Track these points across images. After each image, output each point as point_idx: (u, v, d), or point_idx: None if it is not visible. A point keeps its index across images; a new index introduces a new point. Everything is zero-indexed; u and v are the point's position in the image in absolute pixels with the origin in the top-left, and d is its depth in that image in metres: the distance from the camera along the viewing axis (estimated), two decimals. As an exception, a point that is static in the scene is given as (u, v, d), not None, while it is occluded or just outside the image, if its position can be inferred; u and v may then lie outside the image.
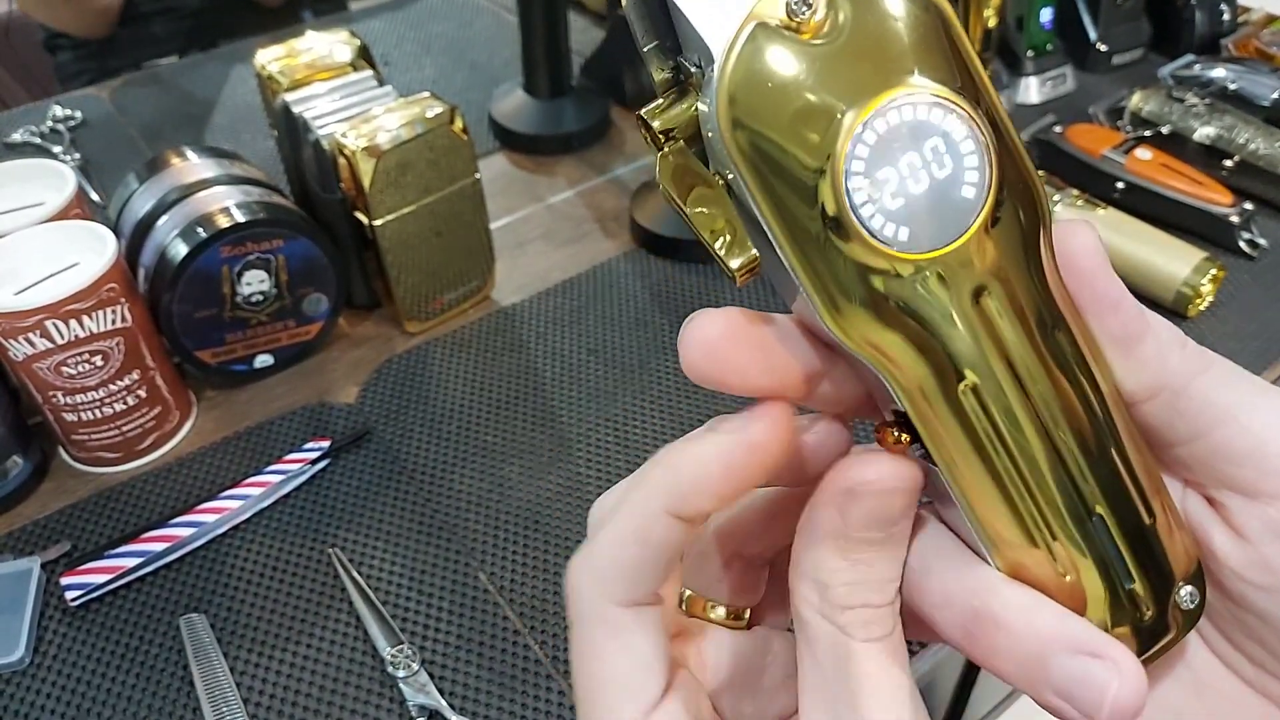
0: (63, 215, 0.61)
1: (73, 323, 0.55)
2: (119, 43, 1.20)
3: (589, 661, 0.21)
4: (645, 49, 0.20)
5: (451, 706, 0.50)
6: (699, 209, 0.20)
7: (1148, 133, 0.84)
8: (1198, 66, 0.90)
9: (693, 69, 0.19)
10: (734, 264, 0.19)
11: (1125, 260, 0.72)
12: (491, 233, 0.73)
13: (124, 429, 0.61)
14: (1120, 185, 0.79)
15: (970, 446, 0.20)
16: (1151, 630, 0.20)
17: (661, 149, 0.20)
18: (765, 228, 0.18)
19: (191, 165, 0.67)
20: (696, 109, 0.19)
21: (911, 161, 0.18)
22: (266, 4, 1.25)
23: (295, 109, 0.67)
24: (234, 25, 1.21)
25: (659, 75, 0.20)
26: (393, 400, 0.67)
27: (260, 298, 0.65)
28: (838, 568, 0.20)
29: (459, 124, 0.66)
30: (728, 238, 0.19)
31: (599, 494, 0.65)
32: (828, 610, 0.20)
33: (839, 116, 0.18)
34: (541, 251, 0.80)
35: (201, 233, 0.61)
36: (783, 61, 0.18)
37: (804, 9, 0.18)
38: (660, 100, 0.20)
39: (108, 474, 0.62)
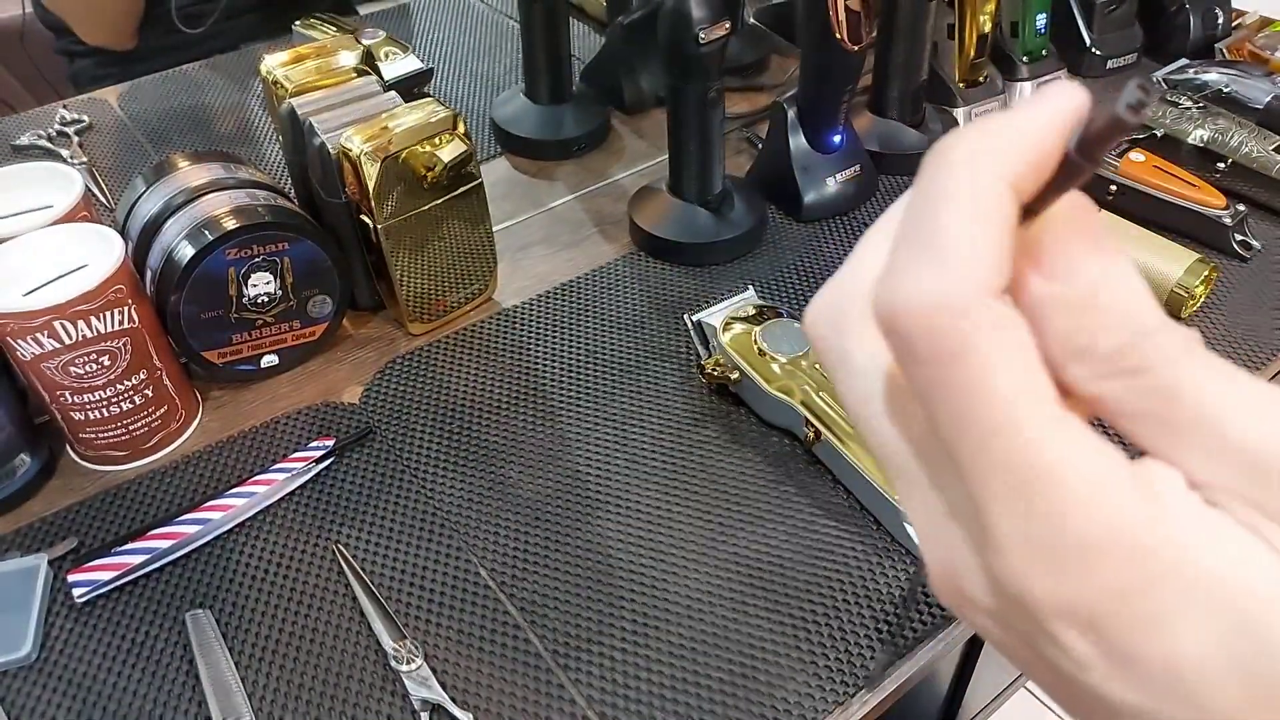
0: (70, 217, 0.62)
1: (80, 323, 0.56)
2: (138, 51, 1.21)
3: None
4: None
5: (454, 700, 0.50)
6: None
7: (1141, 136, 0.84)
8: (1191, 70, 0.91)
9: None
10: None
11: (1119, 262, 0.73)
12: (494, 236, 0.74)
13: (130, 428, 0.61)
14: (1114, 188, 0.80)
15: None
16: None
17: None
18: None
19: (198, 169, 0.68)
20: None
21: None
22: None
23: (300, 113, 0.68)
24: (249, 37, 1.21)
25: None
26: (396, 400, 0.68)
27: (266, 299, 0.65)
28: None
29: (461, 129, 0.67)
30: None
31: (598, 492, 0.67)
32: None
33: None
34: (542, 255, 0.81)
35: (208, 235, 0.62)
36: None
37: None
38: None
39: (114, 472, 0.63)
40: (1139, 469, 0.18)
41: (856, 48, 0.76)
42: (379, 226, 0.66)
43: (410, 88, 0.75)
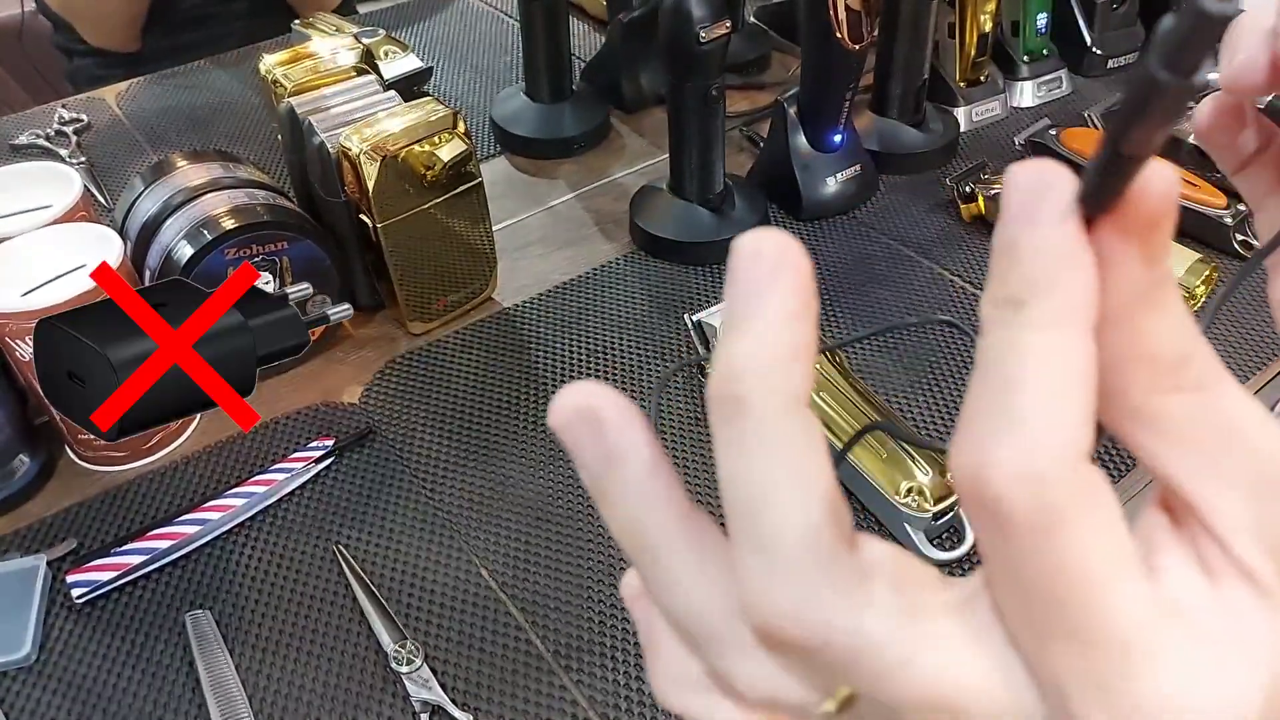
0: (69, 217, 0.62)
1: (80, 323, 0.55)
2: (139, 53, 1.20)
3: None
4: None
5: (454, 701, 0.50)
6: None
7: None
8: (1192, 70, 0.90)
9: None
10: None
11: (1120, 261, 0.73)
12: (493, 235, 0.74)
13: (130, 428, 0.61)
14: (1115, 188, 0.80)
15: None
16: None
17: None
18: None
19: (196, 168, 0.68)
20: None
21: None
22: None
23: (300, 113, 0.67)
24: (256, 37, 1.21)
25: None
26: (396, 400, 0.68)
27: (264, 299, 0.65)
28: None
29: (461, 128, 0.67)
30: None
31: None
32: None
33: None
34: (542, 254, 0.81)
35: (206, 235, 0.62)
36: None
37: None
38: None
39: (113, 473, 0.63)
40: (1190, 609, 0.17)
41: (857, 47, 0.76)
42: (378, 226, 0.66)
43: (410, 87, 0.74)
